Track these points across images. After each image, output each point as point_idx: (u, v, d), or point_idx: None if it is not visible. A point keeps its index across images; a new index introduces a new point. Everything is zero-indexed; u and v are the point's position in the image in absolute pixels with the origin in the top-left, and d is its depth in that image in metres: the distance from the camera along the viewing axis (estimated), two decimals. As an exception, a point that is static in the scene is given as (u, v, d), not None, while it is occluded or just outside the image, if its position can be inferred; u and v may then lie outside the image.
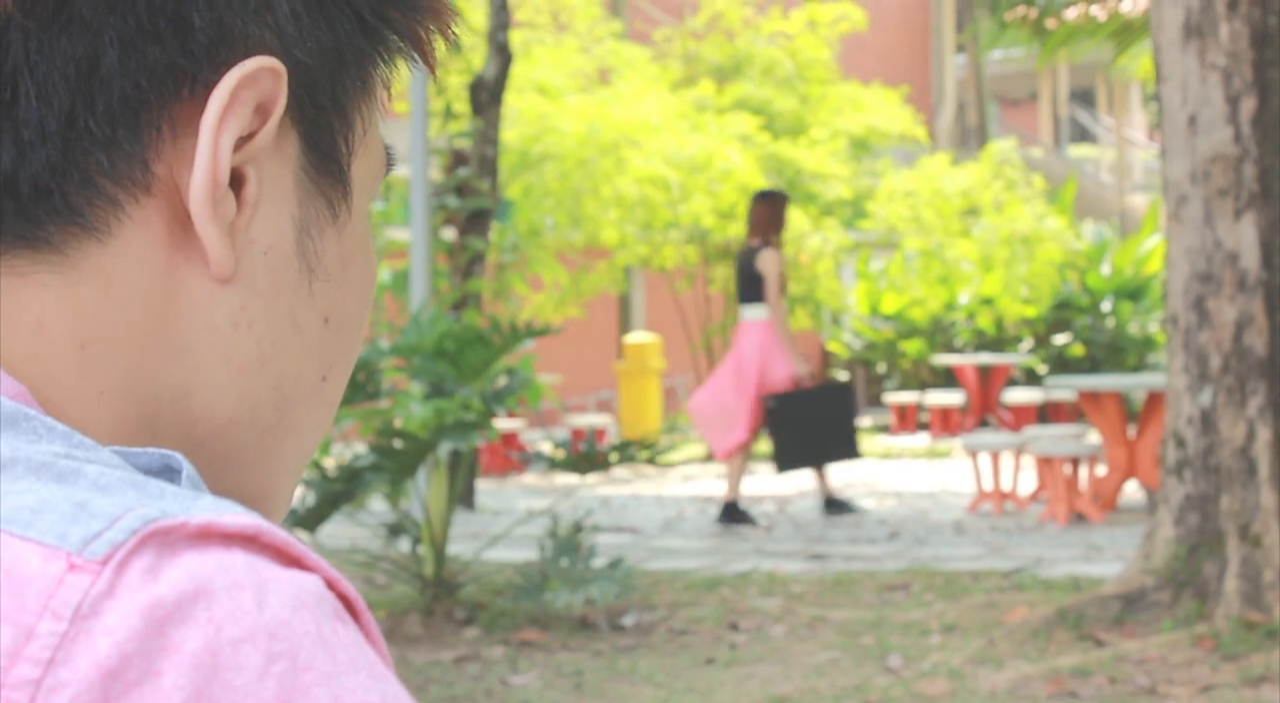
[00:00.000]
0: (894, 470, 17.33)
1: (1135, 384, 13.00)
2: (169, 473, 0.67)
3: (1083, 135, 35.34)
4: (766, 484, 16.15)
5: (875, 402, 25.24)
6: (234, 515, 0.62)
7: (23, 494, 0.61)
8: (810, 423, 12.20)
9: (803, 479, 16.48)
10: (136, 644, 0.58)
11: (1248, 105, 7.99)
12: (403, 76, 0.82)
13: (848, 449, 12.47)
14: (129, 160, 0.69)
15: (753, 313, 12.19)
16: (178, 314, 0.71)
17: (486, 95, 12.92)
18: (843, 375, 24.52)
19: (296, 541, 0.63)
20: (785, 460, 12.28)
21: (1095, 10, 15.19)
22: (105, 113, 0.69)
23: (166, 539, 0.60)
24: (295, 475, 0.78)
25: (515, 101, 17.16)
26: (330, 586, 0.63)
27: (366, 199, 0.79)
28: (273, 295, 0.73)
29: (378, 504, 12.13)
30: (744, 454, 12.40)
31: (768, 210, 12.19)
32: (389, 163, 0.81)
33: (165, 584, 0.59)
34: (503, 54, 12.97)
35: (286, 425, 0.76)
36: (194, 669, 0.58)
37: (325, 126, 0.75)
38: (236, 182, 0.72)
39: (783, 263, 12.09)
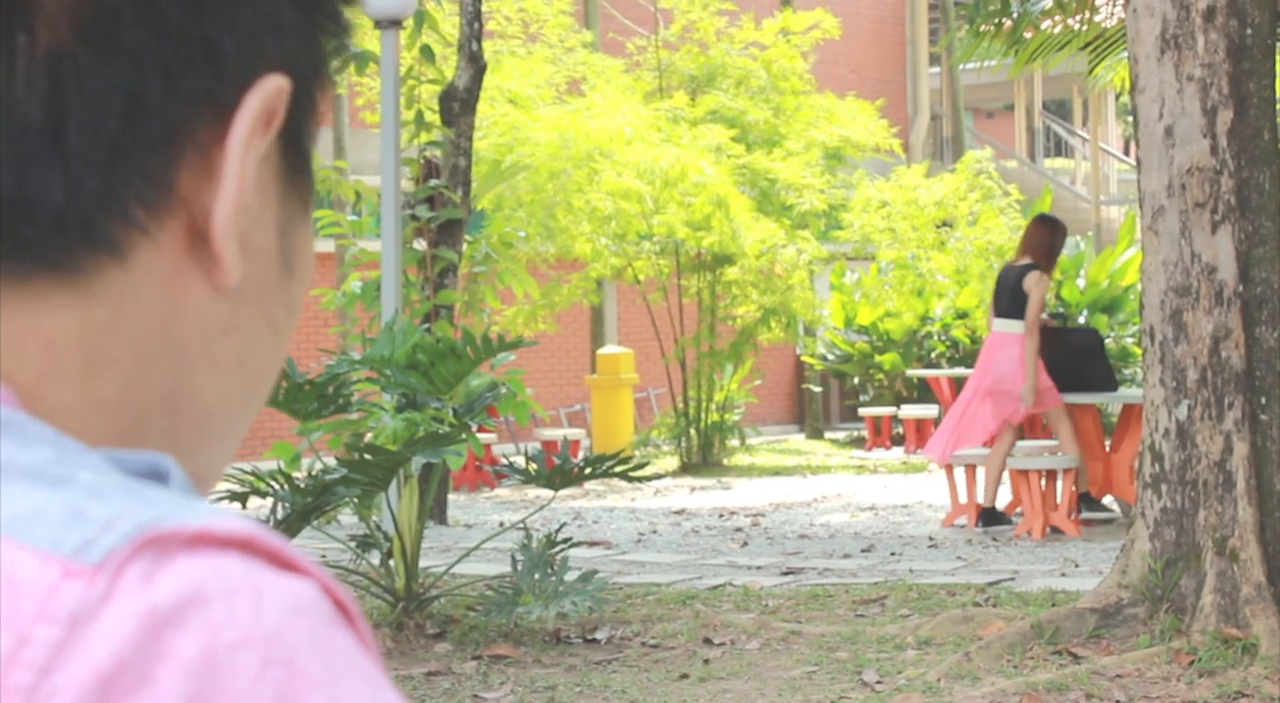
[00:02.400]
0: (869, 484, 17.30)
1: (1111, 398, 12.97)
2: (157, 476, 0.67)
3: (1058, 147, 35.39)
4: (740, 497, 16.10)
5: (850, 415, 25.22)
6: (228, 521, 0.62)
7: (16, 501, 0.62)
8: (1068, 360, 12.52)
9: (777, 492, 16.44)
10: (133, 650, 0.58)
11: (1224, 117, 7.95)
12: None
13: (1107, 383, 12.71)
14: (159, 186, 0.70)
15: (1009, 327, 12.32)
16: (178, 324, 0.72)
17: (458, 105, 12.85)
18: (815, 389, 24.51)
19: (289, 545, 0.63)
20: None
21: (1071, 21, 15.17)
22: (146, 141, 0.69)
23: (162, 545, 0.60)
24: (235, 449, 0.79)
25: (486, 112, 17.10)
26: (324, 591, 0.63)
27: None
28: (257, 297, 0.75)
29: (348, 517, 12.05)
30: (1002, 459, 12.50)
31: (1048, 235, 12.47)
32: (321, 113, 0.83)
33: (161, 590, 0.59)
34: (475, 63, 12.90)
35: (249, 416, 0.77)
36: (191, 675, 0.58)
37: (303, 128, 0.77)
38: None
39: (1048, 288, 12.48)
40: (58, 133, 0.68)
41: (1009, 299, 12.36)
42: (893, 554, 11.63)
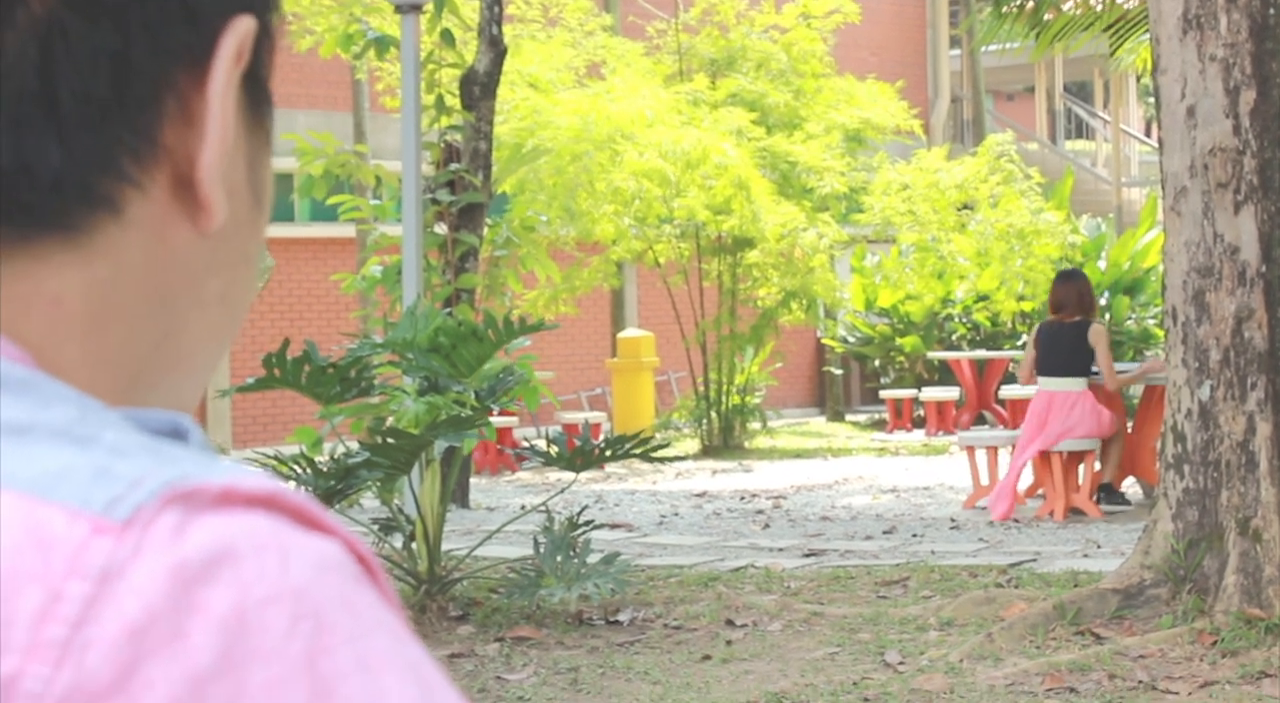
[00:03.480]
0: (890, 466, 17.29)
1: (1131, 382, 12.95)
2: (177, 435, 0.69)
3: (1079, 130, 35.30)
4: (762, 480, 16.11)
5: (870, 398, 25.20)
6: (252, 478, 0.63)
7: (44, 459, 0.62)
8: None
9: (798, 475, 16.45)
10: (164, 604, 0.59)
11: (1247, 97, 7.93)
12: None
13: None
14: (148, 140, 0.71)
15: (1069, 385, 12.38)
16: (168, 271, 0.73)
17: (479, 89, 12.85)
18: (836, 372, 24.50)
19: (313, 502, 0.64)
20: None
21: (1092, 1, 15.13)
22: (134, 99, 0.70)
23: (189, 501, 0.61)
24: (213, 371, 0.80)
25: (507, 96, 17.09)
26: (348, 548, 0.64)
27: None
28: (234, 234, 0.75)
29: (370, 501, 12.08)
30: (1119, 442, 12.55)
31: (1085, 288, 12.63)
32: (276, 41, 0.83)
33: (191, 545, 0.60)
34: (495, 47, 12.90)
35: (224, 348, 0.79)
36: (221, 629, 0.59)
37: (263, 59, 0.77)
38: None
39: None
40: (51, 99, 0.68)
41: (1066, 357, 12.34)
42: (914, 536, 11.62)
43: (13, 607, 0.59)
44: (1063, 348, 12.40)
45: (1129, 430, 12.79)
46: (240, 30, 0.73)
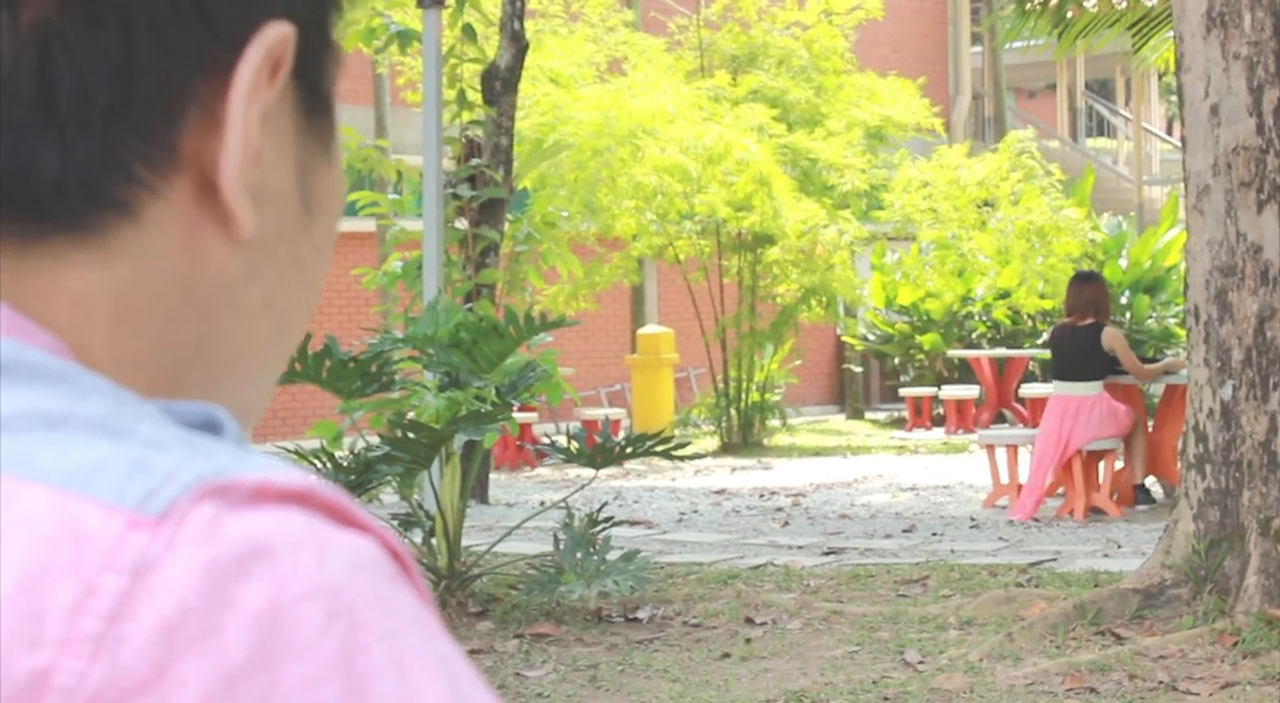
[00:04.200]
0: (909, 465, 17.27)
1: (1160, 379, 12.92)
2: (210, 427, 0.68)
3: (1100, 127, 35.23)
4: (781, 477, 16.10)
5: (890, 395, 25.18)
6: (287, 474, 0.63)
7: (78, 452, 0.62)
8: None
9: (817, 473, 16.44)
10: (198, 600, 0.59)
11: (1271, 96, 7.91)
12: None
13: None
14: (162, 144, 0.70)
15: (1087, 389, 12.35)
16: (199, 276, 0.72)
17: (500, 84, 12.85)
18: (856, 370, 24.48)
19: (347, 499, 0.64)
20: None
21: (1115, 0, 15.10)
22: (142, 103, 0.69)
23: (224, 496, 0.61)
24: (274, 384, 0.80)
25: (528, 91, 17.09)
26: (382, 545, 0.64)
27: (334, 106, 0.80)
28: (279, 241, 0.75)
29: (390, 497, 12.08)
30: (1143, 439, 12.57)
31: (1101, 290, 12.62)
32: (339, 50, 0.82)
33: (225, 540, 0.60)
34: (517, 42, 12.90)
35: (283, 353, 0.78)
36: (256, 625, 0.59)
37: (319, 65, 0.76)
38: None
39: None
40: (49, 103, 0.68)
41: (1083, 361, 12.30)
42: (934, 535, 11.61)
43: (46, 601, 0.59)
44: (1076, 352, 12.36)
45: (1149, 430, 12.77)
46: (270, 37, 0.71)
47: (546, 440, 9.82)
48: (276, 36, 0.72)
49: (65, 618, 0.58)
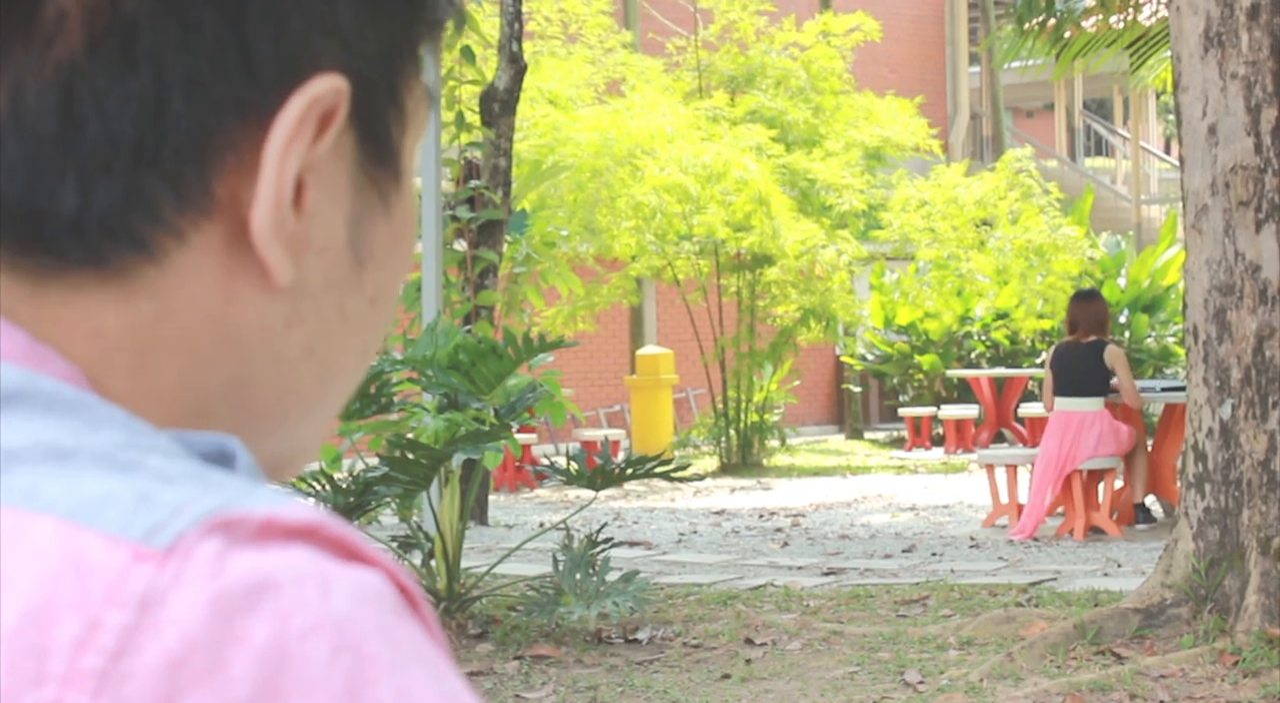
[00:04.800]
0: (909, 485, 17.27)
1: (1153, 397, 12.93)
2: (223, 458, 0.68)
3: (1098, 147, 35.25)
4: (780, 498, 16.09)
5: (889, 415, 25.17)
6: (294, 509, 0.63)
7: (86, 485, 0.62)
8: None
9: (817, 493, 16.43)
10: (203, 635, 0.58)
11: (1269, 115, 7.92)
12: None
13: None
14: (192, 191, 0.69)
15: (1089, 405, 12.35)
16: (232, 322, 0.71)
17: (498, 106, 12.86)
18: (855, 390, 24.48)
19: (354, 533, 0.63)
20: None
21: (1113, 19, 15.12)
22: (172, 150, 0.69)
23: (230, 531, 0.61)
24: (327, 428, 0.80)
25: (526, 113, 17.11)
26: (389, 579, 0.63)
27: (411, 158, 0.78)
28: (324, 292, 0.74)
29: (389, 518, 12.07)
30: (1143, 458, 12.58)
31: (1102, 308, 12.64)
32: (431, 100, 0.80)
33: (231, 576, 0.59)
34: (515, 64, 12.91)
35: (330, 400, 0.78)
36: (262, 661, 0.58)
37: (381, 118, 0.75)
38: (294, 190, 0.71)
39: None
40: (71, 142, 0.68)
41: (1086, 377, 12.32)
42: (934, 555, 11.60)
43: (51, 636, 0.58)
44: (1079, 369, 12.38)
45: (1149, 449, 12.77)
46: (316, 91, 0.70)
47: (546, 462, 9.81)
48: (326, 88, 0.70)
49: (69, 653, 0.58)
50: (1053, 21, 14.83)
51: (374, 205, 0.75)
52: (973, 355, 22.45)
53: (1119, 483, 12.73)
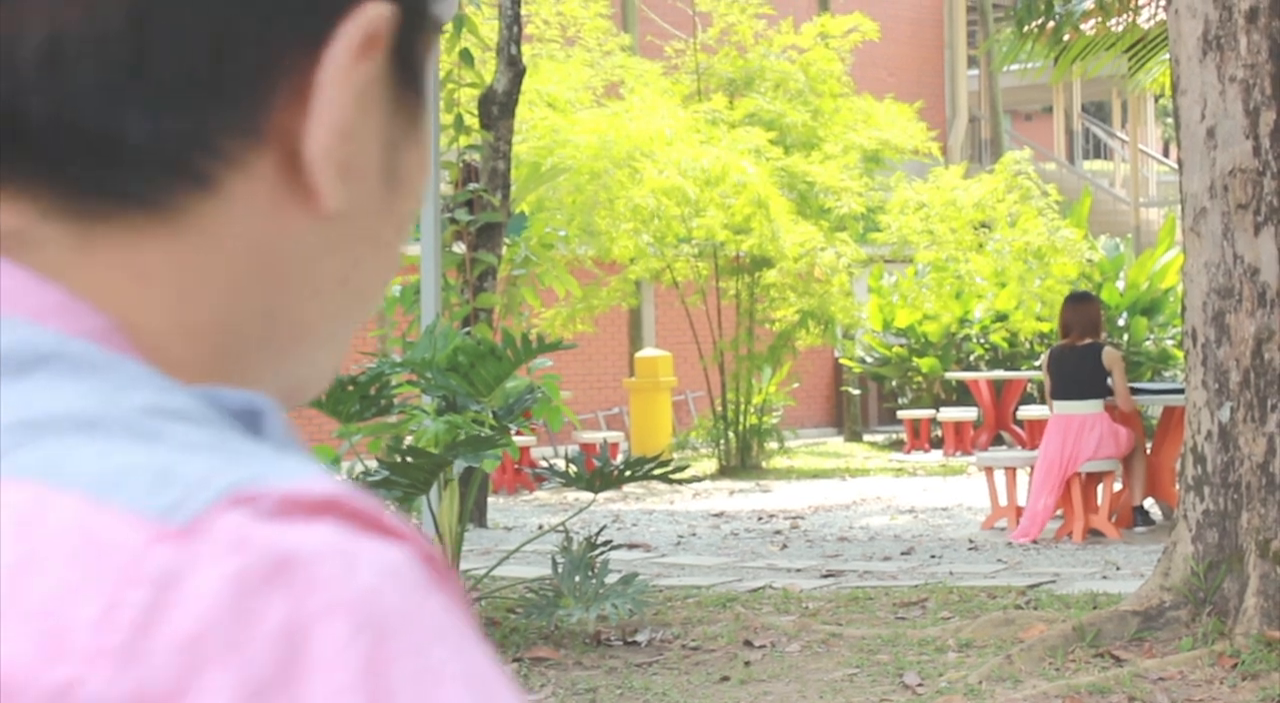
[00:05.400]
0: (908, 487, 17.27)
1: (1152, 400, 12.93)
2: (253, 416, 0.68)
3: (1097, 150, 35.27)
4: (779, 500, 16.09)
5: (888, 418, 25.18)
6: (318, 481, 0.62)
7: (104, 458, 0.61)
8: None
9: (816, 495, 16.43)
10: (223, 613, 0.58)
11: (1267, 118, 7.92)
12: None
13: None
14: (251, 117, 0.70)
15: (1089, 407, 12.37)
16: (274, 252, 0.72)
17: (497, 108, 12.87)
18: (853, 392, 24.48)
19: (379, 506, 0.63)
20: None
21: (1111, 23, 15.13)
22: (235, 75, 0.69)
23: (251, 506, 0.60)
24: (344, 353, 0.81)
25: (525, 115, 17.12)
26: (415, 553, 0.63)
27: (429, 84, 0.80)
28: (361, 218, 0.75)
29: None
30: (1142, 460, 12.61)
31: (1096, 309, 12.69)
32: (439, 25, 0.81)
33: (253, 551, 0.59)
34: (514, 67, 12.92)
35: (351, 326, 0.79)
36: (282, 638, 0.58)
37: (412, 43, 0.76)
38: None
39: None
40: (143, 69, 0.68)
41: (1080, 380, 12.33)
42: (933, 557, 11.60)
43: (70, 614, 0.58)
44: (1077, 371, 12.39)
45: (1148, 452, 12.77)
46: (367, 16, 0.71)
47: (545, 464, 9.81)
48: (374, 14, 0.71)
49: (89, 631, 0.58)
50: (1052, 24, 14.83)
51: (407, 131, 0.77)
52: (971, 358, 22.45)
53: (1118, 486, 12.73)
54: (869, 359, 23.58)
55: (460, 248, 12.75)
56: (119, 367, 0.66)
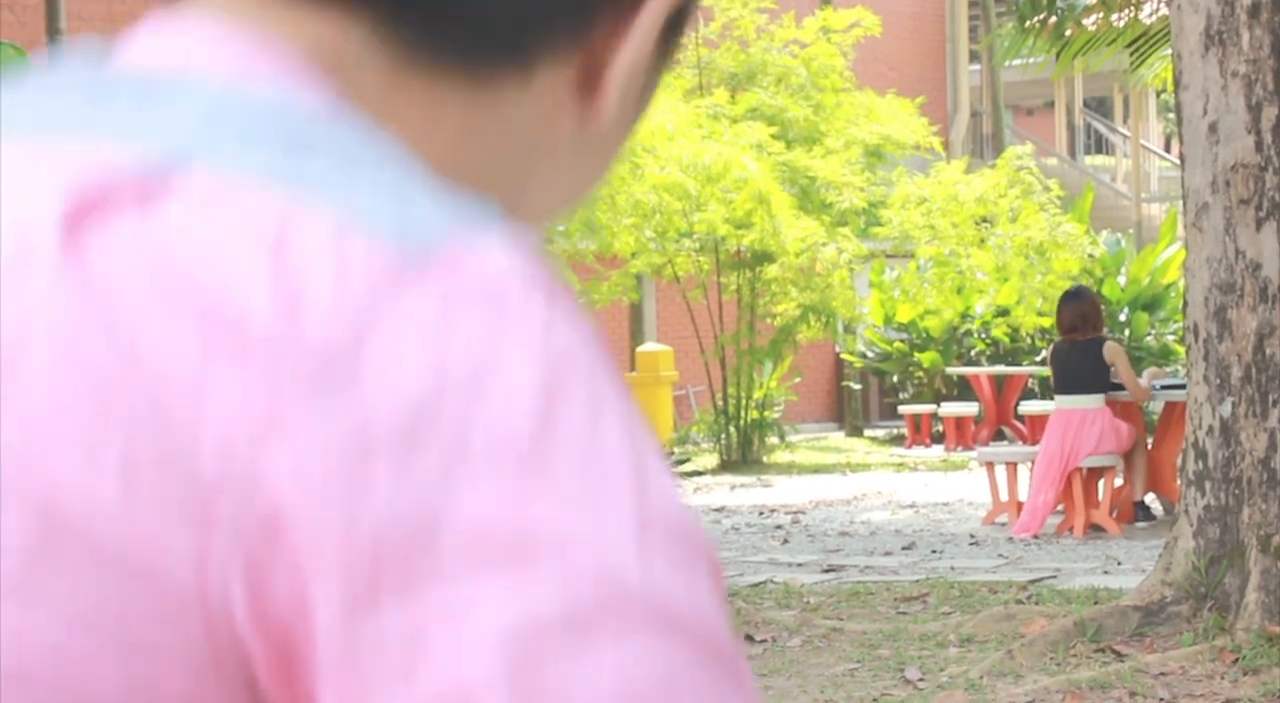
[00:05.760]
0: (909, 482, 17.27)
1: (1155, 395, 12.92)
2: (486, 216, 0.72)
3: (1098, 145, 35.26)
4: (780, 495, 16.09)
5: (889, 413, 25.18)
6: (525, 245, 0.68)
7: (352, 193, 0.67)
8: None
9: (817, 490, 16.43)
10: (431, 328, 0.63)
11: (1269, 113, 7.92)
12: None
13: None
14: (578, 27, 0.77)
15: (1090, 402, 12.36)
16: (542, 146, 0.79)
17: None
18: (855, 387, 24.49)
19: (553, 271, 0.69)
20: None
21: (1113, 18, 15.12)
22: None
23: (473, 241, 0.66)
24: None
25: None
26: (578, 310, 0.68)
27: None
28: (612, 136, 0.82)
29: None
30: (1143, 456, 12.61)
31: (1095, 305, 12.68)
32: None
33: (467, 281, 0.64)
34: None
35: (560, 210, 0.85)
36: (473, 355, 0.63)
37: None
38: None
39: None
40: None
41: (1082, 375, 12.33)
42: (934, 552, 11.61)
43: (306, 293, 0.64)
44: (1078, 367, 12.39)
45: (1149, 447, 12.78)
46: None
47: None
48: None
49: (318, 323, 0.63)
50: (1054, 19, 14.84)
51: (657, 59, 0.83)
52: (972, 353, 22.45)
53: (1119, 481, 12.73)
54: (870, 354, 23.58)
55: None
56: (365, 125, 0.72)
